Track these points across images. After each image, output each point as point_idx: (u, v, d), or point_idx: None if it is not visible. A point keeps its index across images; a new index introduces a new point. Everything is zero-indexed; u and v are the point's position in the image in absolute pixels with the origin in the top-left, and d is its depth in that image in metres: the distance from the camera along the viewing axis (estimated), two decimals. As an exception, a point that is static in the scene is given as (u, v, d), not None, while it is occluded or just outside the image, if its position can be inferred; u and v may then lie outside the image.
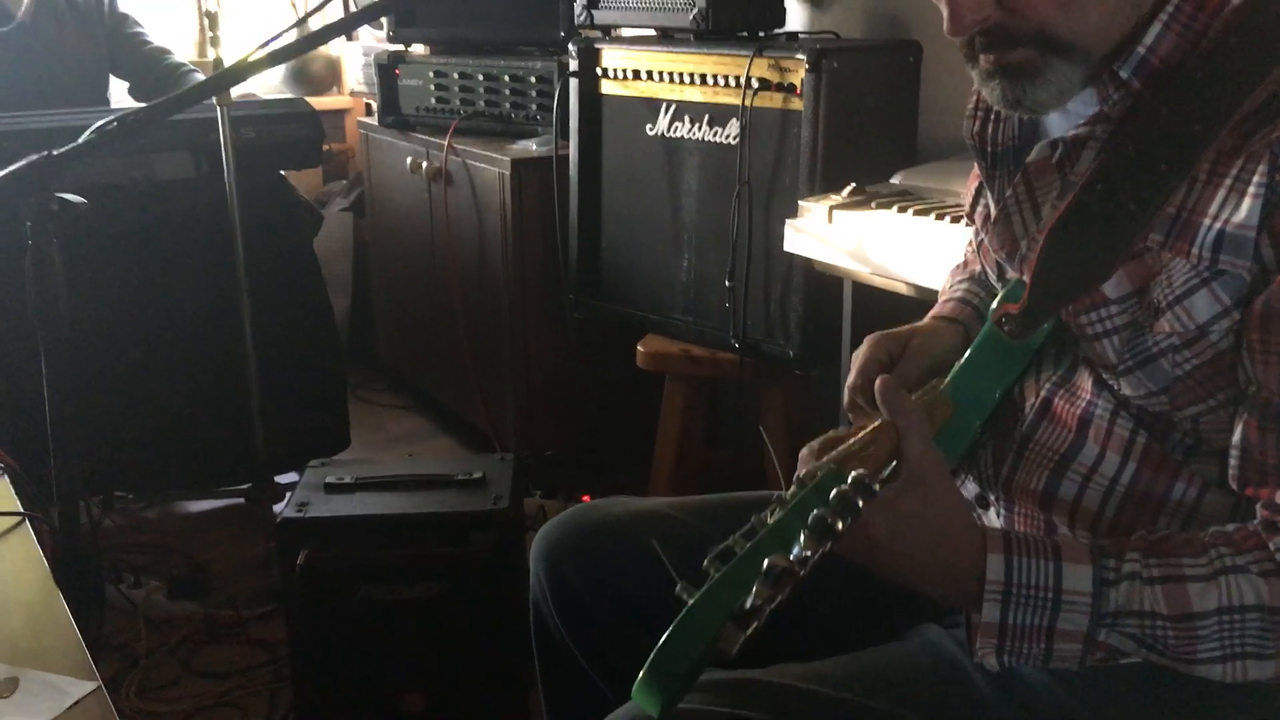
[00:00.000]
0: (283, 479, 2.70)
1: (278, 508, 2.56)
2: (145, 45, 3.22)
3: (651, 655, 0.82)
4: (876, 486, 0.85)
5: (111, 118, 1.33)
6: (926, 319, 1.28)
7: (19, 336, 1.90)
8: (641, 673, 0.82)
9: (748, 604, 0.80)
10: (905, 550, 0.92)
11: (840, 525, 0.83)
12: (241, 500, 2.78)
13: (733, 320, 2.36)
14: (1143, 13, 0.96)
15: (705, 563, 0.85)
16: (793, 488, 0.91)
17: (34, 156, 1.29)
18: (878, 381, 0.98)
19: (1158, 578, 0.89)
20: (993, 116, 1.15)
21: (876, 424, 0.96)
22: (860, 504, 0.83)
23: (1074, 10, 0.95)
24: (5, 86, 2.95)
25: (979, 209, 1.21)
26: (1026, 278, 1.02)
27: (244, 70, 1.44)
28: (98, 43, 3.15)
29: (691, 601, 0.83)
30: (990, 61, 0.99)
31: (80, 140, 1.31)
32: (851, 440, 0.96)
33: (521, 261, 2.83)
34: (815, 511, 0.84)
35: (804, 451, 1.05)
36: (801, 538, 0.83)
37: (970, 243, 1.37)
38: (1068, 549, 0.92)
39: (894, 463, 0.95)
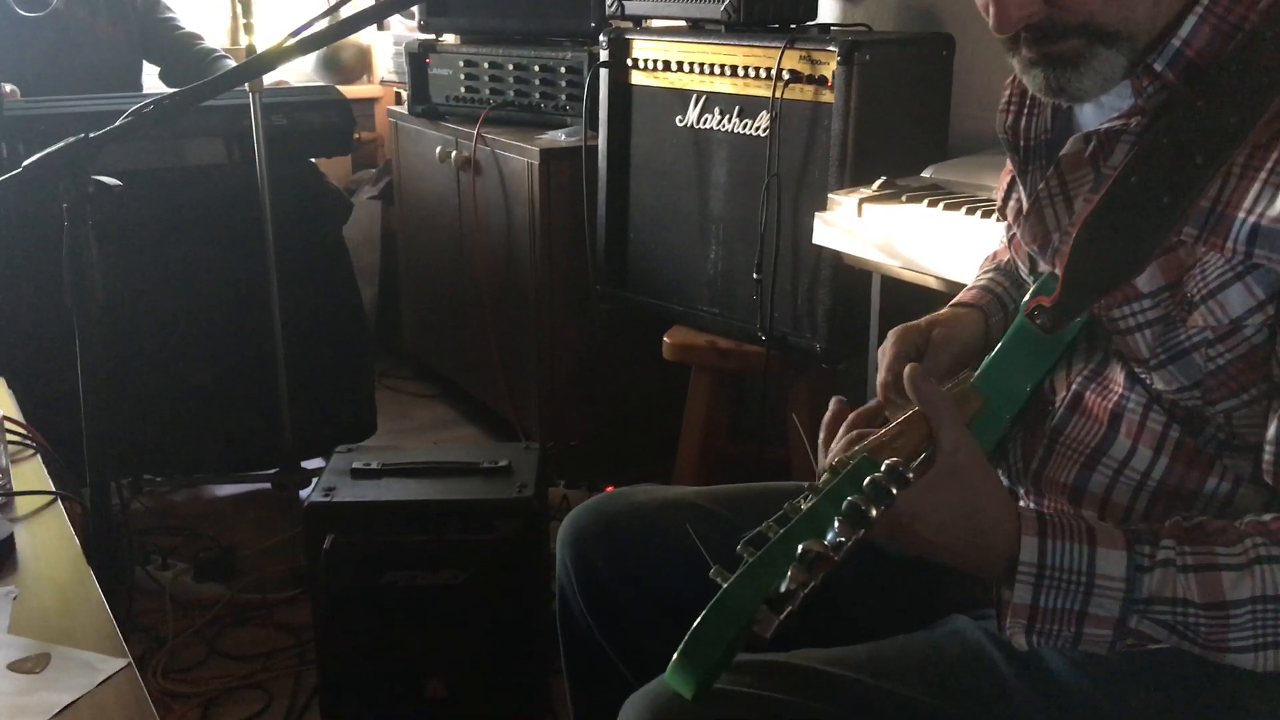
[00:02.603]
0: (309, 464, 2.73)
1: (304, 493, 2.58)
2: (177, 30, 3.24)
3: (686, 637, 0.82)
4: (910, 474, 0.85)
5: (147, 101, 1.34)
6: (948, 307, 1.28)
7: (54, 318, 1.92)
8: (675, 654, 0.82)
9: (782, 588, 0.80)
10: (942, 539, 0.92)
11: (874, 512, 0.83)
12: (268, 485, 2.80)
13: (760, 313, 2.35)
14: (1182, 3, 0.96)
15: (739, 548, 0.85)
16: (824, 474, 0.91)
17: (71, 139, 1.30)
18: (905, 370, 0.98)
19: (1191, 565, 0.88)
20: (1026, 110, 1.14)
21: (908, 414, 0.96)
22: (894, 491, 0.84)
23: (1122, 1, 0.94)
24: (40, 72, 2.98)
25: (1011, 203, 1.20)
26: (1059, 271, 1.01)
27: (276, 57, 1.45)
28: (130, 28, 3.18)
29: (726, 585, 0.83)
30: (1034, 52, 0.99)
31: (116, 123, 1.32)
32: (883, 431, 0.96)
33: (549, 251, 2.83)
34: (849, 498, 0.84)
35: (823, 432, 1.05)
36: (836, 524, 0.83)
37: (1004, 238, 1.37)
38: (1102, 534, 0.91)
39: (925, 452, 0.95)
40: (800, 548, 0.81)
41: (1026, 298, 1.09)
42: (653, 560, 1.25)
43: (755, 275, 2.34)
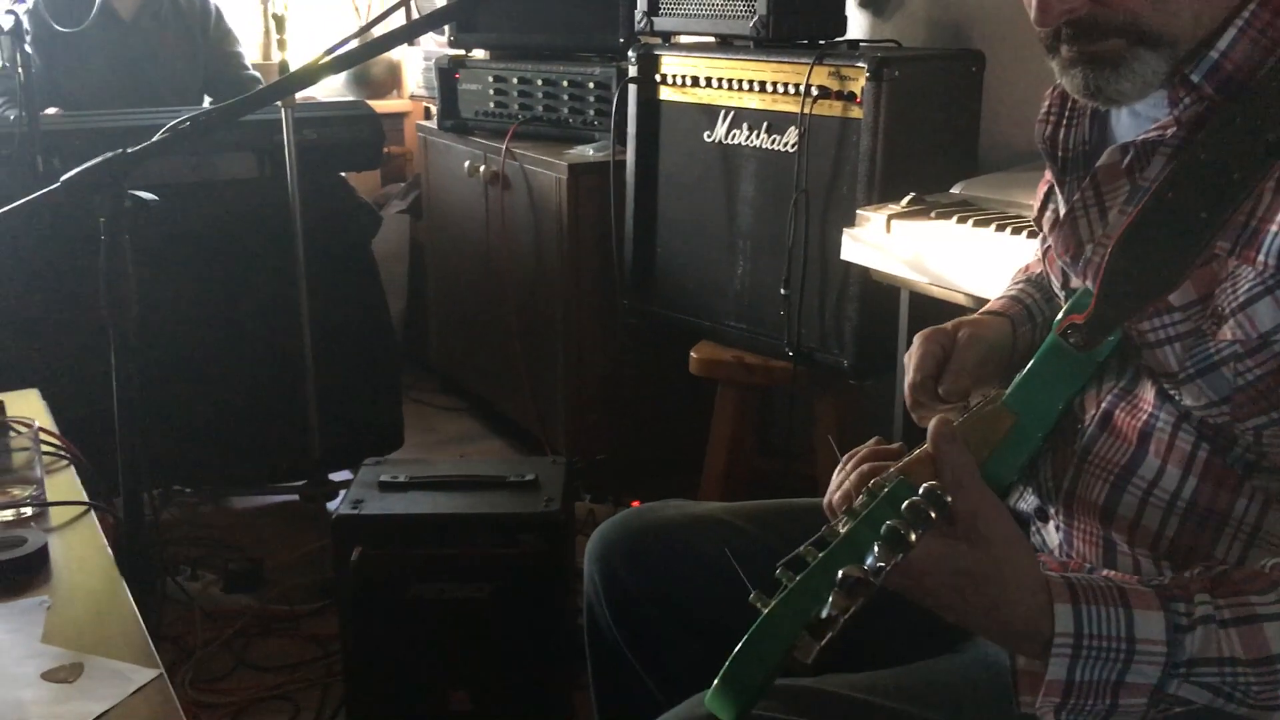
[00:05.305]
0: (337, 477, 2.74)
1: (332, 505, 2.60)
2: (244, 70, 3.32)
3: (726, 663, 0.81)
4: (949, 499, 0.83)
5: (184, 117, 1.36)
6: (975, 314, 1.28)
7: (88, 331, 1.94)
8: (716, 680, 0.81)
9: (824, 614, 0.79)
10: (963, 606, 0.87)
11: (913, 536, 0.81)
12: (296, 497, 2.81)
13: (787, 328, 2.35)
14: (1225, 13, 0.95)
15: (777, 572, 0.84)
16: (861, 497, 0.89)
17: (109, 154, 1.32)
18: (931, 424, 0.94)
19: (1230, 619, 0.85)
20: (1065, 121, 1.13)
21: (922, 448, 0.94)
22: (933, 515, 0.82)
23: (1166, 3, 0.93)
24: (100, 83, 3.03)
25: (1048, 213, 1.19)
26: (1093, 285, 1.01)
27: (312, 74, 1.47)
28: (196, 49, 3.22)
29: (767, 610, 0.82)
30: (1074, 51, 0.98)
31: (154, 139, 1.33)
32: (909, 457, 0.95)
33: (576, 266, 2.84)
34: (889, 522, 0.82)
35: (842, 479, 1.04)
36: (876, 548, 0.81)
37: (1038, 250, 1.36)
38: (1134, 594, 0.87)
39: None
40: (840, 573, 0.80)
41: (1060, 316, 1.08)
42: (681, 577, 1.25)
43: (783, 291, 2.33)
